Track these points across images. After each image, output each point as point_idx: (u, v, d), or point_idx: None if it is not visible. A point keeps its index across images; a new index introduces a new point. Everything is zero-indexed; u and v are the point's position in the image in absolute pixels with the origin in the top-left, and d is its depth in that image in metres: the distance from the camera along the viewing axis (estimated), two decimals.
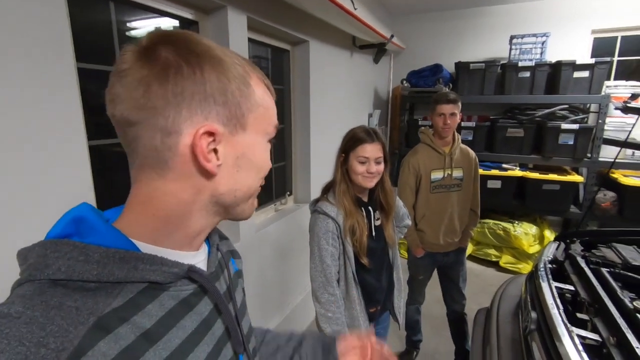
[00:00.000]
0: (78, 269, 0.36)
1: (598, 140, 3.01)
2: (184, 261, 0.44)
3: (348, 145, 1.29)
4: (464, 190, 2.00)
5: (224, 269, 0.55)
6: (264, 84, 0.47)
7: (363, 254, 1.28)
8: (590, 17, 3.34)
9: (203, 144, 0.40)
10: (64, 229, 0.39)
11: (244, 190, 0.47)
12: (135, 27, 1.41)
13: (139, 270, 0.39)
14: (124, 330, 0.36)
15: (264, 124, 0.47)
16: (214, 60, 0.41)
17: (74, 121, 1.02)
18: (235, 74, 0.42)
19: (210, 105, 0.41)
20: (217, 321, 0.49)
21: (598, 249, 1.53)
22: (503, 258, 3.38)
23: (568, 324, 1.03)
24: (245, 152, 0.45)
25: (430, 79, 3.51)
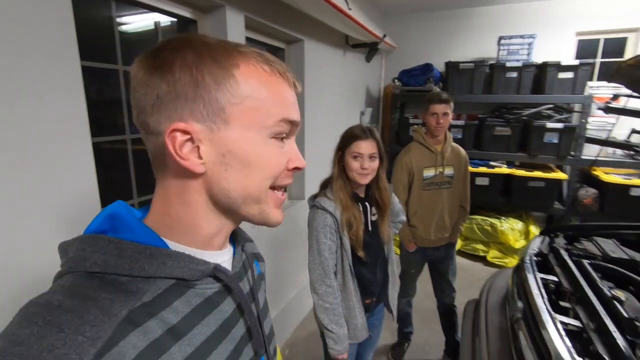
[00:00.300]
0: (112, 263, 0.38)
1: (581, 139, 3.13)
2: (210, 260, 0.45)
3: (344, 142, 1.34)
4: (454, 187, 2.07)
5: (248, 269, 0.56)
6: (270, 73, 0.43)
7: (359, 247, 1.33)
8: (574, 19, 3.45)
9: (175, 142, 0.40)
10: (100, 225, 0.42)
11: (239, 191, 0.44)
12: (136, 25, 1.43)
13: (167, 267, 0.40)
14: (152, 324, 0.37)
15: (256, 116, 0.42)
16: (188, 56, 0.40)
17: (79, 119, 1.04)
18: (212, 67, 0.40)
19: (182, 103, 0.40)
20: (240, 321, 0.49)
21: (580, 242, 1.61)
22: (490, 253, 3.48)
23: (552, 311, 1.10)
24: (231, 149, 0.42)
25: (421, 78, 3.58)
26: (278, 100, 0.44)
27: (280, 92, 0.44)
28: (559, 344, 0.97)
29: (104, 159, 1.27)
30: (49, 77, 0.95)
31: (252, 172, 0.43)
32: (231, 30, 1.63)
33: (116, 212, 0.42)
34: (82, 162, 1.06)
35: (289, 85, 0.46)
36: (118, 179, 1.38)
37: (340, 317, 1.31)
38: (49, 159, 0.97)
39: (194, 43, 0.41)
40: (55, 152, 0.98)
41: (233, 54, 0.42)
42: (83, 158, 1.06)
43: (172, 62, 0.39)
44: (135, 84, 0.41)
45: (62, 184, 1.01)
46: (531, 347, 1.09)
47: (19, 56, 0.89)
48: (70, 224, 1.02)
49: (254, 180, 0.44)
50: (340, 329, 1.29)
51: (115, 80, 1.31)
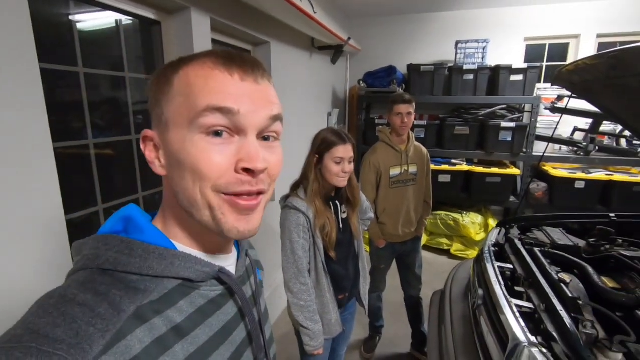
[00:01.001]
0: (123, 261, 0.40)
1: (532, 137, 3.38)
2: (215, 263, 0.47)
3: (322, 147, 1.36)
4: (418, 184, 2.17)
5: (251, 275, 0.58)
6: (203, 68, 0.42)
7: (331, 248, 1.38)
8: (522, 25, 3.71)
9: (144, 147, 0.45)
10: (114, 225, 0.44)
11: (182, 195, 0.43)
12: (96, 23, 1.38)
13: (175, 267, 0.43)
14: (158, 321, 0.39)
15: (184, 112, 0.41)
16: (154, 75, 0.46)
17: (40, 124, 1.00)
18: (162, 78, 0.45)
19: (151, 115, 0.46)
20: (241, 324, 0.51)
21: (532, 232, 1.76)
22: (454, 246, 3.66)
23: (508, 296, 1.20)
24: (171, 151, 0.43)
25: (385, 79, 3.69)
26: (206, 91, 0.41)
27: (212, 82, 0.41)
28: (514, 326, 1.06)
29: (66, 165, 1.22)
30: (5, 80, 0.91)
31: (184, 173, 0.41)
32: (197, 32, 1.61)
33: (129, 214, 0.45)
34: (44, 169, 1.02)
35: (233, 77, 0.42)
36: (81, 186, 1.33)
37: (315, 314, 1.34)
38: (8, 167, 0.93)
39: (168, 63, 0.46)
40: (15, 159, 0.94)
41: (179, 63, 0.44)
42: (45, 165, 1.02)
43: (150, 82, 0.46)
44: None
45: (23, 192, 0.96)
46: (491, 330, 1.18)
47: None
48: (32, 233, 0.98)
49: (188, 182, 0.41)
50: (315, 325, 1.33)
51: (75, 82, 1.26)
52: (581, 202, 3.27)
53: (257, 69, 0.45)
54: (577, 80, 1.50)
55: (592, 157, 3.26)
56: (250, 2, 1.80)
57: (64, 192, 1.11)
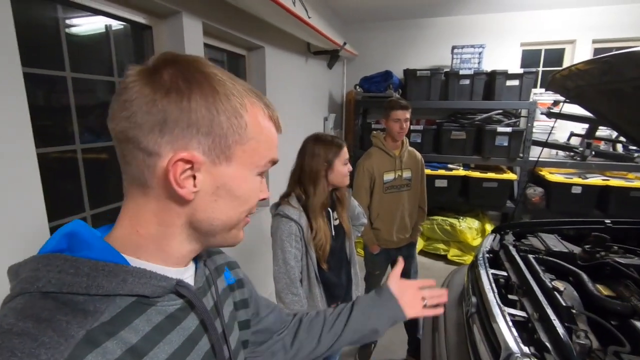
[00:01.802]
0: (68, 281, 0.37)
1: (528, 142, 3.37)
2: (172, 276, 0.44)
3: (332, 153, 1.34)
4: (412, 189, 2.15)
5: (212, 284, 0.56)
6: (267, 117, 0.47)
7: (324, 261, 1.37)
8: (518, 31, 3.72)
9: (177, 170, 0.40)
10: (57, 244, 0.40)
11: (223, 220, 0.46)
12: (85, 28, 1.37)
13: (127, 284, 0.39)
14: (111, 344, 0.36)
15: (255, 158, 0.46)
16: (206, 89, 0.41)
17: (22, 129, 0.98)
18: (227, 106, 0.42)
19: (192, 133, 0.41)
20: (204, 337, 0.48)
21: (527, 238, 1.74)
22: (451, 251, 3.64)
23: (501, 305, 1.18)
24: (226, 183, 0.44)
25: (381, 84, 3.69)
26: (270, 143, 0.48)
27: (272, 135, 0.49)
28: (507, 335, 1.04)
29: (52, 171, 1.20)
30: None
31: (239, 204, 0.46)
32: (189, 36, 1.60)
33: (73, 230, 0.41)
34: (26, 175, 1.00)
35: (277, 128, 0.50)
36: (68, 192, 1.31)
37: None
38: None
39: (207, 74, 0.42)
40: None
41: (242, 95, 0.44)
42: (27, 171, 1.00)
43: (189, 91, 0.40)
44: (135, 97, 0.39)
45: (4, 199, 0.94)
46: (484, 339, 1.15)
47: None
48: (13, 240, 0.96)
49: (237, 211, 0.47)
50: None
51: (63, 87, 1.25)
52: (578, 207, 3.26)
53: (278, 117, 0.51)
54: (571, 85, 1.49)
55: (589, 162, 3.25)
56: (242, 7, 1.79)
57: (49, 198, 1.09)
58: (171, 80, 0.40)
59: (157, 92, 0.39)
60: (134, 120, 0.40)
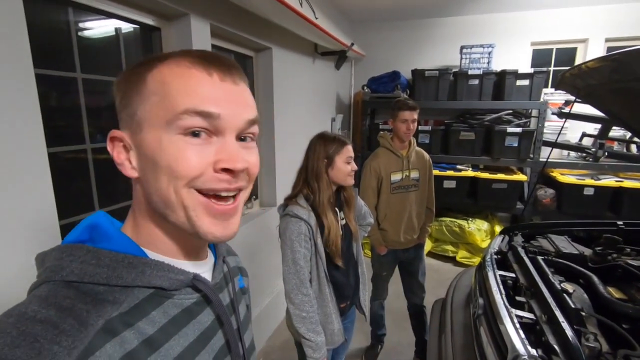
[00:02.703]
0: (90, 271, 0.38)
1: (538, 142, 3.32)
2: (190, 270, 0.45)
3: (334, 149, 1.34)
4: (420, 190, 2.14)
5: (229, 282, 0.56)
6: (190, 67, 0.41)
7: (337, 257, 1.36)
8: (529, 30, 3.68)
9: (113, 150, 0.43)
10: (80, 235, 0.42)
11: (159, 195, 0.41)
12: (95, 31, 1.40)
13: (146, 276, 0.41)
14: (128, 334, 0.37)
15: (161, 112, 0.40)
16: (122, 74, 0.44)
17: (34, 129, 1.00)
18: (133, 76, 0.42)
19: (120, 113, 0.44)
20: (218, 332, 0.49)
21: (536, 239, 1.71)
22: (459, 253, 3.60)
23: (509, 306, 1.16)
24: (145, 151, 0.41)
25: (389, 85, 3.68)
26: (184, 92, 0.40)
27: (191, 83, 0.40)
28: (514, 337, 1.02)
29: (63, 170, 1.23)
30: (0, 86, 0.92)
31: (160, 173, 0.40)
32: (196, 38, 1.62)
33: (96, 222, 0.43)
34: (37, 174, 1.02)
35: (212, 77, 0.41)
36: (78, 191, 1.33)
37: (317, 325, 1.31)
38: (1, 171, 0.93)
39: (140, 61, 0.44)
40: (8, 163, 0.94)
41: (153, 61, 0.42)
42: (38, 170, 1.03)
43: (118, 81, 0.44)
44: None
45: (16, 197, 0.97)
46: (490, 341, 1.14)
47: None
48: (25, 239, 0.98)
49: (163, 181, 0.40)
50: (317, 336, 1.30)
51: (74, 88, 1.28)
52: (590, 209, 3.19)
53: (234, 69, 0.44)
54: (581, 84, 1.47)
55: (601, 163, 3.19)
56: (249, 8, 1.81)
57: (60, 197, 1.12)
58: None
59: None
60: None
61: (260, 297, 2.48)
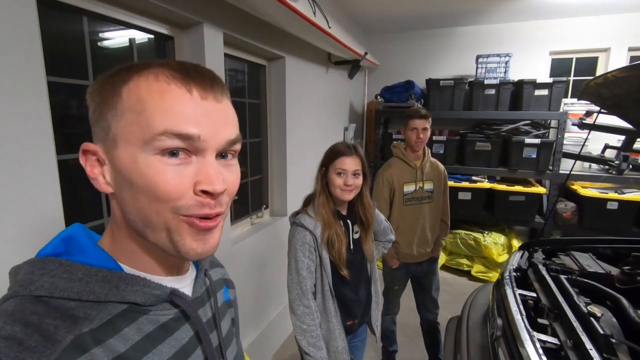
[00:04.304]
0: (61, 286, 0.37)
1: (558, 154, 3.21)
2: (167, 284, 0.44)
3: (328, 158, 1.33)
4: (434, 202, 2.07)
5: (212, 296, 0.54)
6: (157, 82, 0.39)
7: (342, 266, 1.30)
8: (548, 39, 3.59)
9: (85, 162, 0.42)
10: (54, 247, 0.41)
11: (135, 214, 0.40)
12: (110, 42, 1.41)
13: (120, 290, 0.39)
14: (98, 352, 0.36)
15: (136, 132, 0.38)
16: (97, 83, 0.42)
17: (44, 135, 1.00)
18: (108, 87, 0.40)
19: (93, 126, 0.42)
20: (197, 349, 0.47)
21: (558, 257, 1.62)
22: (474, 267, 3.49)
23: (530, 329, 1.09)
24: (119, 168, 0.39)
25: (403, 94, 3.64)
26: (163, 111, 0.38)
27: (169, 101, 0.38)
28: None
29: (72, 178, 1.23)
30: (10, 91, 0.92)
31: (138, 194, 0.39)
32: (209, 47, 1.62)
33: (72, 234, 0.42)
34: (45, 181, 1.02)
35: (192, 95, 0.39)
36: (87, 199, 1.33)
37: (319, 340, 1.26)
38: (10, 177, 0.93)
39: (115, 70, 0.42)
40: (18, 170, 0.94)
41: (129, 72, 0.40)
42: (47, 177, 1.02)
43: (92, 90, 0.42)
44: None
45: (24, 203, 0.96)
46: None
47: None
48: (31, 245, 0.97)
49: (143, 203, 0.39)
50: (318, 351, 1.25)
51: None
52: (614, 224, 3.05)
53: (216, 84, 0.42)
54: (607, 94, 1.40)
55: (626, 176, 3.05)
56: (262, 17, 1.80)
57: (68, 205, 1.11)
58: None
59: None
60: None
61: (269, 308, 2.44)
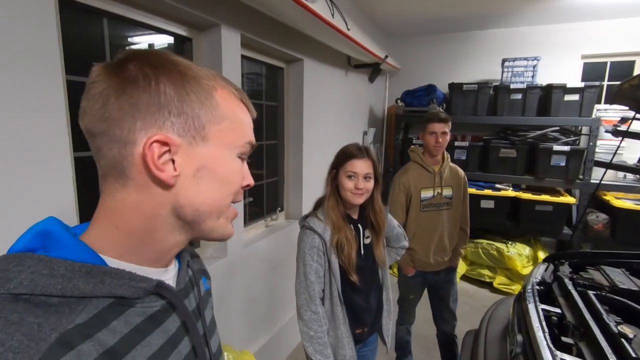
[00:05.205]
0: (42, 282, 0.35)
1: (589, 162, 3.04)
2: (152, 277, 0.43)
3: (338, 160, 1.30)
4: (453, 208, 2.00)
5: (194, 286, 0.55)
6: (238, 99, 0.48)
7: (352, 271, 1.26)
8: (580, 43, 3.43)
9: (154, 153, 0.40)
10: (28, 243, 0.38)
11: (208, 204, 0.45)
12: (129, 42, 1.44)
13: (105, 285, 0.39)
14: (86, 347, 0.35)
15: (232, 137, 0.46)
16: (173, 73, 0.41)
17: (59, 132, 1.02)
18: (196, 86, 0.42)
19: (164, 116, 0.41)
20: (184, 339, 0.48)
21: (586, 271, 1.52)
22: (497, 279, 3.34)
23: (553, 348, 1.01)
24: (206, 164, 0.44)
25: (424, 98, 3.56)
26: (245, 125, 0.48)
27: (245, 117, 0.49)
28: None
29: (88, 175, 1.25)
30: (28, 89, 0.94)
31: (222, 187, 0.46)
32: (226, 48, 1.63)
33: (47, 228, 0.40)
34: (60, 177, 1.03)
35: (250, 112, 0.50)
36: None
37: (326, 347, 1.22)
38: (23, 173, 0.95)
39: (173, 61, 0.42)
40: (32, 166, 0.96)
41: (210, 78, 0.45)
42: (61, 173, 1.04)
43: (156, 75, 0.40)
44: (103, 90, 0.40)
45: (36, 200, 0.98)
46: None
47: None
48: None
49: (223, 194, 0.46)
50: (324, 359, 1.21)
51: None
52: None
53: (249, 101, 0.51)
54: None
55: None
56: (280, 19, 1.80)
57: (83, 202, 1.13)
58: (137, 69, 0.40)
59: (124, 81, 0.39)
60: (105, 113, 0.39)
61: (281, 313, 2.42)
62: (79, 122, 0.42)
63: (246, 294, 2.02)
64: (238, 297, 1.95)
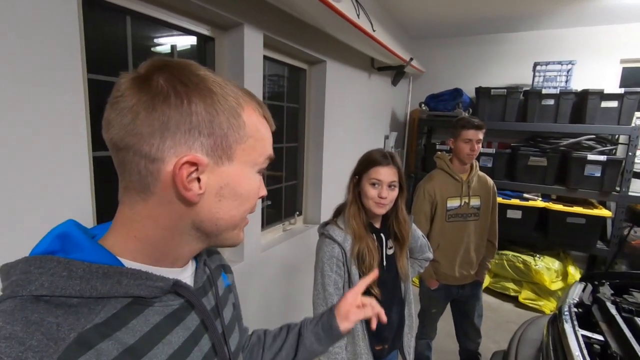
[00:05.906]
0: (61, 284, 0.36)
1: (628, 174, 2.85)
2: (169, 276, 0.44)
3: (362, 167, 1.23)
4: (481, 219, 1.89)
5: (213, 285, 0.56)
6: (261, 115, 0.48)
7: (373, 284, 1.19)
8: (619, 46, 3.24)
9: (183, 173, 0.40)
10: (49, 245, 0.40)
11: (226, 219, 0.46)
12: (152, 41, 1.42)
13: (122, 285, 0.39)
14: (106, 346, 0.36)
15: (254, 155, 0.46)
16: (203, 91, 0.41)
17: (78, 131, 1.00)
18: (225, 106, 0.42)
19: (194, 136, 0.41)
20: (204, 337, 0.49)
21: (630, 294, 1.39)
22: (523, 293, 3.18)
23: None
24: (229, 182, 0.44)
25: (449, 103, 3.45)
26: (266, 140, 0.48)
27: (267, 132, 0.49)
28: None
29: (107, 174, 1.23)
30: (49, 86, 0.93)
31: (241, 203, 0.46)
32: (249, 48, 1.60)
33: (66, 231, 0.41)
34: (77, 177, 1.02)
35: (269, 125, 0.50)
36: None
37: None
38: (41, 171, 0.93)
39: (202, 77, 0.42)
40: (49, 164, 0.94)
41: (237, 95, 0.44)
42: (79, 172, 1.02)
43: (187, 94, 0.40)
44: (133, 105, 0.39)
45: (54, 198, 0.96)
46: None
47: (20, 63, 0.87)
48: None
49: (240, 209, 0.47)
50: None
51: None
52: None
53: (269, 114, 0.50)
54: None
55: None
56: (304, 19, 1.76)
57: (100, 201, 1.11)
58: (168, 84, 0.40)
59: (155, 98, 0.39)
60: (134, 128, 0.39)
61: (297, 318, 2.35)
62: (103, 133, 0.41)
63: (262, 298, 1.98)
64: (254, 301, 1.90)
